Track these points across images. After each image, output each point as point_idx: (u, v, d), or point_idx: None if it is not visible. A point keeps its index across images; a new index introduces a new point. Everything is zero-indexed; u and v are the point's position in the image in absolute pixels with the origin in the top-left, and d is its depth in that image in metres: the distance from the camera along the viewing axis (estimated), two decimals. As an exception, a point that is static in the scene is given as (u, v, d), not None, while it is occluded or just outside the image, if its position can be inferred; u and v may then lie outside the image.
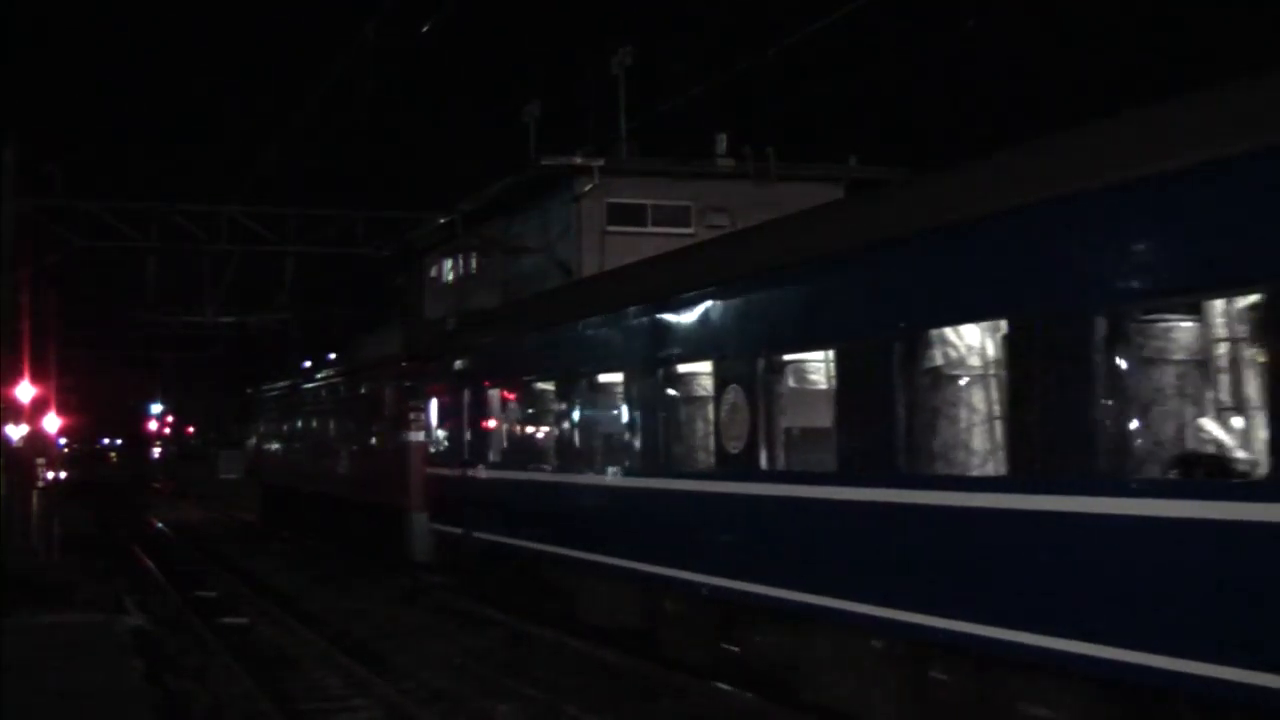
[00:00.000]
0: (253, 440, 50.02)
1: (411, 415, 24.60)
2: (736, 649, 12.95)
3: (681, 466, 14.14)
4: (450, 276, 43.04)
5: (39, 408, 35.23)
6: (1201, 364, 8.68)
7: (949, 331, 10.09)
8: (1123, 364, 8.44)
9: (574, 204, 33.30)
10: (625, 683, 14.17)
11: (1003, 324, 9.40)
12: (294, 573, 26.88)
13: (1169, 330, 8.87)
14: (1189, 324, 8.80)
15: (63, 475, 46.35)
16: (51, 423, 38.26)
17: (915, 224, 10.31)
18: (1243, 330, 8.14)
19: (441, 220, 34.97)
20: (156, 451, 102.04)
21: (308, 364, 43.85)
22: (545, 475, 17.43)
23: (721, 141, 35.01)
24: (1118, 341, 8.39)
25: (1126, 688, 8.14)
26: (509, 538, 18.44)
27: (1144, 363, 8.70)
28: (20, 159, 26.94)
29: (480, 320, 23.11)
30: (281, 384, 43.09)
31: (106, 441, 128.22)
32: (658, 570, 14.00)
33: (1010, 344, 9.31)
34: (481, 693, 13.90)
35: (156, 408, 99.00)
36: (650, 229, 32.91)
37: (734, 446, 12.70)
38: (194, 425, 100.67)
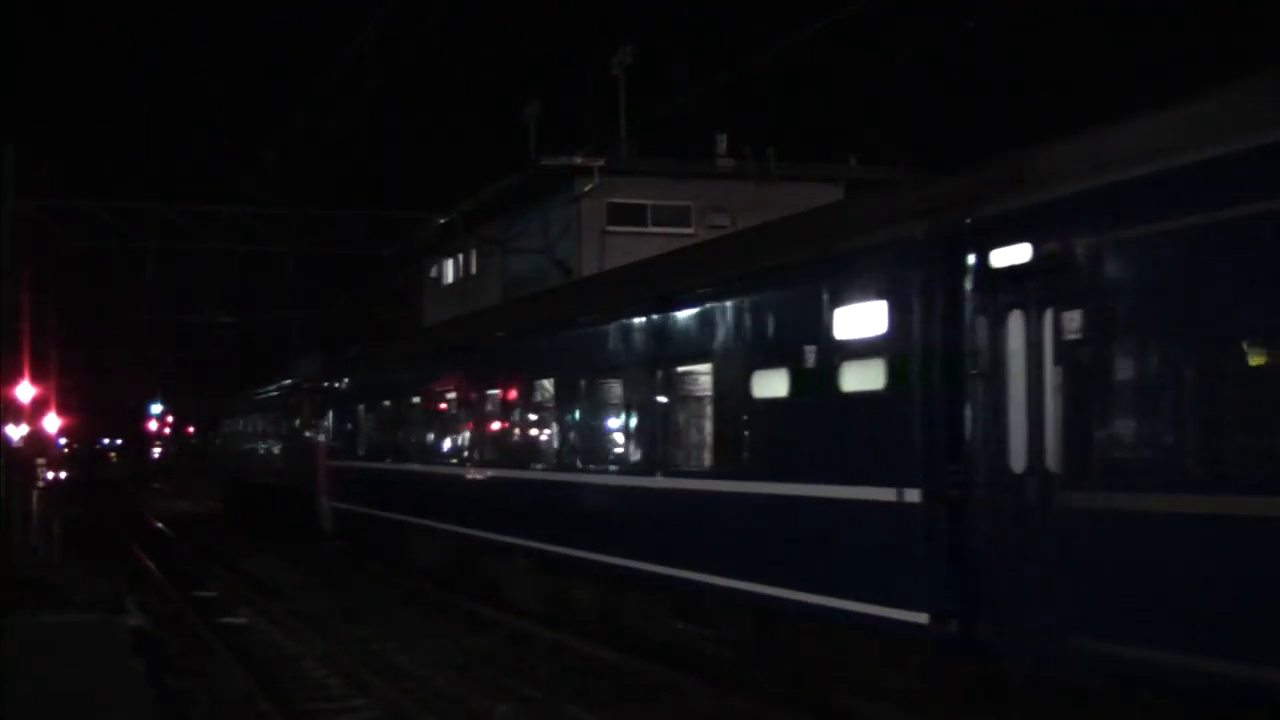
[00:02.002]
0: (219, 441, 58.44)
1: (320, 422, 31.14)
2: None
3: (447, 458, 21.50)
4: (450, 277, 43.05)
5: (39, 408, 35.21)
6: (626, 405, 14.99)
7: (545, 382, 17.53)
8: (594, 406, 15.95)
9: (574, 204, 33.30)
10: (625, 683, 14.16)
11: (551, 380, 17.27)
12: (292, 572, 26.91)
13: (609, 386, 15.60)
14: (617, 383, 15.32)
15: (63, 475, 46.32)
16: (51, 423, 38.21)
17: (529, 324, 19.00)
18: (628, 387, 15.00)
19: (441, 220, 34.96)
20: (156, 451, 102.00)
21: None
22: (388, 465, 24.66)
23: (721, 141, 35.00)
24: (593, 392, 15.91)
25: (600, 575, 15.48)
26: (372, 510, 25.72)
27: (602, 404, 15.87)
28: (20, 159, 26.93)
29: (362, 354, 31.59)
30: (237, 395, 50.42)
31: (106, 441, 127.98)
32: (445, 526, 21.02)
33: (555, 390, 17.06)
34: (481, 693, 13.91)
35: (156, 408, 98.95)
36: (650, 229, 32.92)
37: (463, 444, 20.72)
38: (194, 425, 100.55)
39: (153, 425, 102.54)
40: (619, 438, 15.32)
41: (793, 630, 11.84)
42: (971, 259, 9.44)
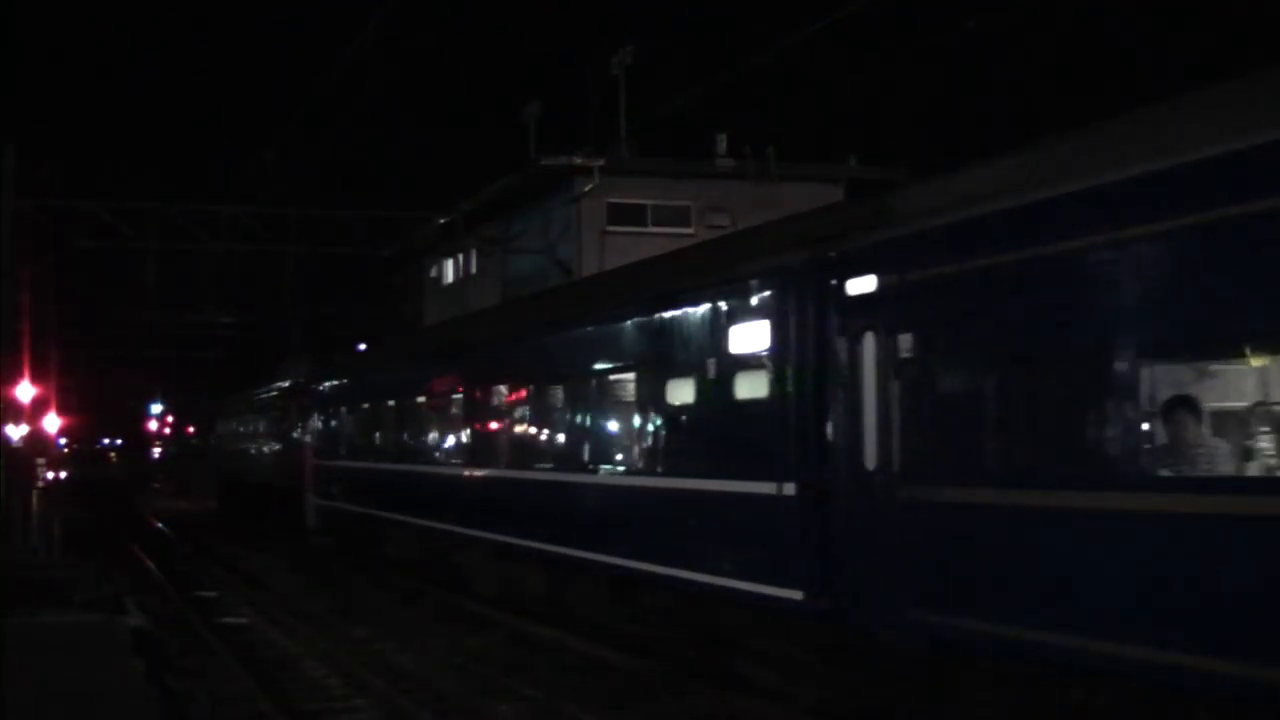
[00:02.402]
0: (213, 441, 60.52)
1: (306, 423, 32.78)
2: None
3: (415, 457, 23.05)
4: (450, 277, 43.03)
5: (39, 408, 35.19)
6: (568, 409, 16.68)
7: (501, 388, 19.07)
8: (541, 409, 17.67)
9: (574, 204, 33.27)
10: (625, 683, 14.17)
11: (505, 387, 19.03)
12: (292, 572, 26.92)
13: (554, 391, 17.02)
14: (560, 389, 16.74)
15: (63, 475, 46.29)
16: (51, 423, 38.20)
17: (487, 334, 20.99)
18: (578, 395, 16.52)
19: (441, 220, 34.93)
20: (156, 451, 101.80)
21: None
22: (365, 464, 26.41)
23: (721, 141, 34.93)
24: (540, 397, 17.57)
25: (501, 548, 18.56)
26: (352, 506, 27.43)
27: (548, 407, 17.34)
28: (20, 159, 26.93)
29: (343, 358, 33.66)
30: (231, 397, 52.76)
31: (106, 441, 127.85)
32: (414, 521, 22.56)
33: (508, 395, 18.75)
34: (481, 692, 13.91)
35: (156, 408, 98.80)
36: (650, 229, 32.87)
37: (429, 444, 22.53)
38: (194, 425, 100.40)
39: (153, 425, 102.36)
40: (561, 438, 16.86)
41: (707, 608, 13.22)
42: (835, 286, 10.95)
